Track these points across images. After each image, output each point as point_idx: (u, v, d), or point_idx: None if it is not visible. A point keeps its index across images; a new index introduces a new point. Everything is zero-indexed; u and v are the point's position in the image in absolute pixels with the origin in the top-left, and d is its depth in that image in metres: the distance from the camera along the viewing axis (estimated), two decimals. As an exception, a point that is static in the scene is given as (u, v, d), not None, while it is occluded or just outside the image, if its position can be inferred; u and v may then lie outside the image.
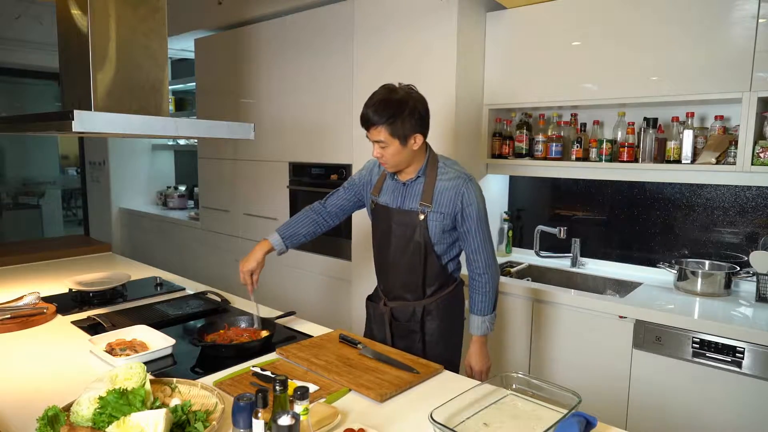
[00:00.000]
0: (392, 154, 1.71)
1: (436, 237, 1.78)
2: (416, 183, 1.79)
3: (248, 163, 3.85)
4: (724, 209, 2.46)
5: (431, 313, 1.85)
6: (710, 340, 1.99)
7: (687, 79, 2.23)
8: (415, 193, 1.79)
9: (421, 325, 1.85)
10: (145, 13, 1.88)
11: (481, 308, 1.83)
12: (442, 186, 1.76)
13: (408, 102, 1.67)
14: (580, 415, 1.17)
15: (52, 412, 1.13)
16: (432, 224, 1.76)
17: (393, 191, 1.84)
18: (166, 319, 1.98)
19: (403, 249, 1.82)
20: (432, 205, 1.76)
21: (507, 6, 2.68)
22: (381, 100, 1.67)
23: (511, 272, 2.85)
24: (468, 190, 1.75)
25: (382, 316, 1.90)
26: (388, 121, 1.65)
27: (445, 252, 1.83)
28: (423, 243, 1.78)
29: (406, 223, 1.79)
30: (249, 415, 0.99)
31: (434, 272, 1.83)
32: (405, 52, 2.80)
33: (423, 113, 1.71)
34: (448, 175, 1.77)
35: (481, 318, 1.83)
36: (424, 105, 1.73)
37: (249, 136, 1.95)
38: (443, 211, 1.76)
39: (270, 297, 3.55)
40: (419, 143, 1.72)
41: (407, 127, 1.67)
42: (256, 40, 3.63)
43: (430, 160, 1.79)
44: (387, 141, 1.68)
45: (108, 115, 1.59)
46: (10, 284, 2.42)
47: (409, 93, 1.71)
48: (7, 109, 5.72)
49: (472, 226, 1.77)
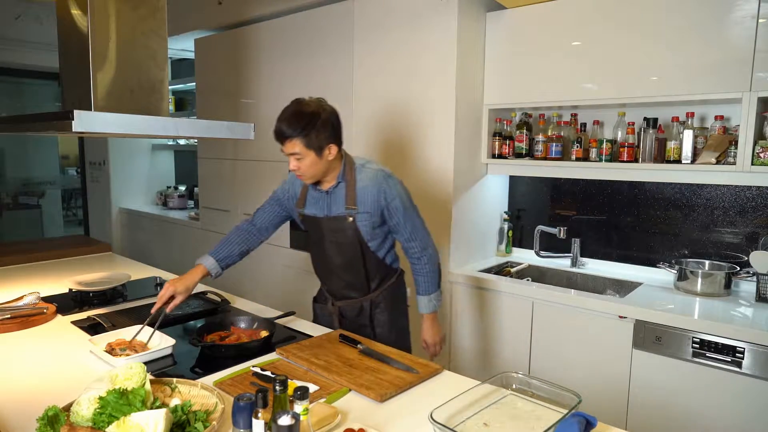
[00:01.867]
0: (308, 166, 1.74)
1: (368, 235, 1.86)
2: (338, 189, 1.85)
3: (248, 163, 3.84)
4: (724, 209, 2.46)
5: (379, 306, 1.96)
6: (710, 340, 1.99)
7: (687, 79, 2.23)
8: (339, 198, 1.85)
9: (370, 319, 1.96)
10: (145, 13, 1.88)
11: (425, 288, 1.95)
12: (363, 187, 1.82)
13: (320, 114, 1.71)
14: (580, 415, 1.17)
15: (52, 412, 1.13)
16: (362, 224, 1.84)
17: (318, 201, 1.89)
18: (166, 319, 1.98)
19: (340, 253, 1.90)
20: (357, 207, 1.82)
21: (507, 6, 2.68)
22: (293, 113, 1.70)
23: (511, 272, 2.85)
24: (388, 186, 1.82)
25: (331, 315, 2.01)
26: (302, 133, 1.68)
27: (380, 246, 1.92)
28: (358, 243, 1.86)
29: (337, 228, 1.86)
30: (249, 415, 0.99)
31: (374, 267, 1.92)
32: (405, 52, 2.80)
33: (335, 124, 1.76)
34: (367, 175, 1.83)
35: (427, 297, 1.95)
36: (336, 116, 1.78)
37: (249, 136, 1.95)
38: (369, 210, 1.83)
39: (270, 297, 3.55)
40: (334, 153, 1.77)
41: (321, 138, 1.71)
42: (256, 40, 3.63)
43: (347, 165, 1.85)
44: (302, 153, 1.71)
45: (108, 115, 1.59)
46: (10, 284, 2.42)
47: (320, 105, 1.74)
48: (7, 109, 5.72)
49: (400, 219, 1.85)
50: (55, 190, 6.21)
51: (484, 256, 3.01)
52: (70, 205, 6.39)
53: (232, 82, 3.87)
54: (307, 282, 3.43)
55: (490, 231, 3.07)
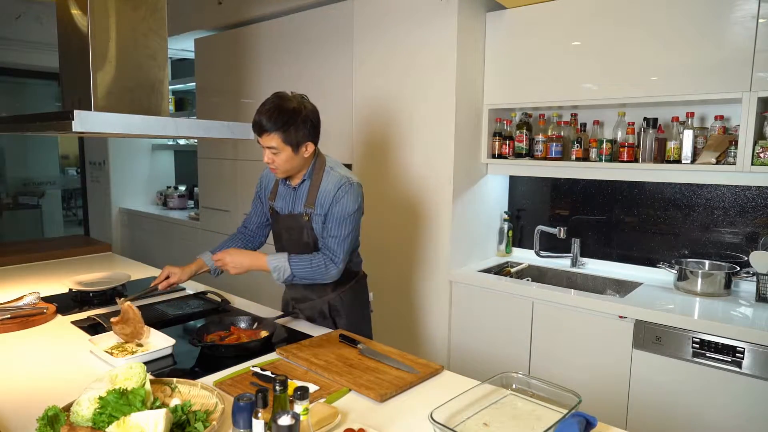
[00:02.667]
0: (284, 161, 1.74)
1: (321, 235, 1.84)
2: (302, 187, 1.85)
3: (248, 163, 3.84)
4: (724, 209, 2.46)
5: (337, 309, 1.95)
6: (710, 340, 1.99)
7: (687, 79, 2.23)
8: (301, 196, 1.85)
9: (333, 323, 1.95)
10: (145, 13, 1.88)
11: (297, 262, 1.79)
12: (325, 189, 1.81)
13: (301, 111, 1.71)
14: (580, 415, 1.17)
15: (52, 412, 1.13)
16: (317, 226, 1.83)
17: (285, 196, 1.90)
18: (166, 319, 1.98)
19: (296, 251, 1.86)
20: (315, 208, 1.82)
21: (507, 6, 2.68)
22: (274, 107, 1.70)
23: (511, 272, 2.85)
24: (345, 195, 1.78)
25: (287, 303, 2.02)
26: (282, 128, 1.68)
27: None
28: (312, 242, 1.85)
29: (293, 226, 1.87)
30: (249, 415, 0.99)
31: None
32: (405, 52, 2.80)
33: (315, 122, 1.76)
34: (332, 179, 1.81)
35: (286, 262, 1.79)
36: (316, 115, 1.78)
37: (249, 136, 1.95)
38: (323, 213, 1.81)
39: (270, 297, 3.55)
40: (311, 151, 1.77)
41: (300, 135, 1.71)
42: (256, 40, 3.63)
43: (317, 164, 1.84)
44: (279, 148, 1.71)
45: (108, 115, 1.59)
46: (10, 284, 2.42)
47: (302, 102, 1.75)
48: (7, 109, 5.72)
49: (334, 225, 1.79)
50: (55, 190, 6.21)
51: (484, 256, 3.01)
52: (70, 205, 6.39)
53: (232, 82, 3.87)
54: (307, 282, 3.43)
55: (490, 231, 3.07)
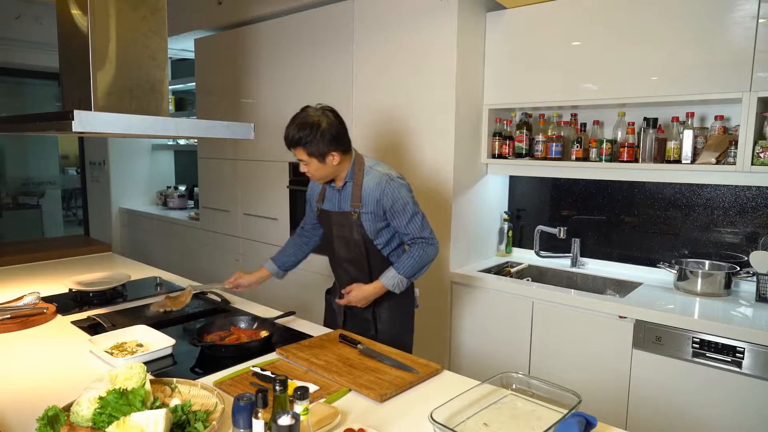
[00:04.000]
0: (315, 170, 1.89)
1: (372, 233, 1.96)
2: (346, 188, 1.97)
3: (248, 163, 3.84)
4: (724, 209, 2.46)
5: (382, 303, 2.01)
6: (710, 340, 1.99)
7: (687, 79, 2.23)
8: (347, 196, 1.97)
9: (373, 313, 2.02)
10: (145, 13, 1.88)
11: (401, 267, 1.94)
12: (367, 187, 1.92)
13: (321, 125, 1.82)
14: (580, 415, 1.17)
15: (52, 412, 1.13)
16: (366, 223, 1.94)
17: (331, 197, 2.03)
18: (166, 319, 1.98)
19: (345, 247, 2.01)
20: (361, 206, 1.93)
21: (507, 6, 2.68)
22: (297, 124, 1.84)
23: (511, 272, 2.86)
24: (390, 189, 1.90)
25: (338, 306, 2.08)
26: (303, 142, 1.82)
27: (386, 244, 2.01)
28: (362, 239, 1.96)
29: (343, 223, 1.98)
30: (249, 415, 0.99)
31: (378, 264, 1.99)
32: (405, 52, 2.80)
33: (336, 133, 1.85)
34: (372, 177, 1.93)
35: (395, 272, 1.93)
36: (338, 125, 1.87)
37: (249, 136, 1.95)
38: (372, 210, 1.93)
39: (270, 297, 3.55)
40: (338, 159, 1.88)
41: (322, 147, 1.83)
42: (256, 40, 3.63)
43: (356, 166, 1.95)
44: (306, 159, 1.87)
45: (108, 115, 1.59)
46: (10, 284, 2.42)
47: (321, 116, 1.84)
48: (7, 109, 5.71)
49: (404, 220, 1.93)
50: (55, 190, 6.21)
51: (484, 256, 3.01)
52: (70, 205, 6.39)
53: (232, 82, 3.87)
54: (308, 282, 3.43)
55: (490, 231, 3.07)
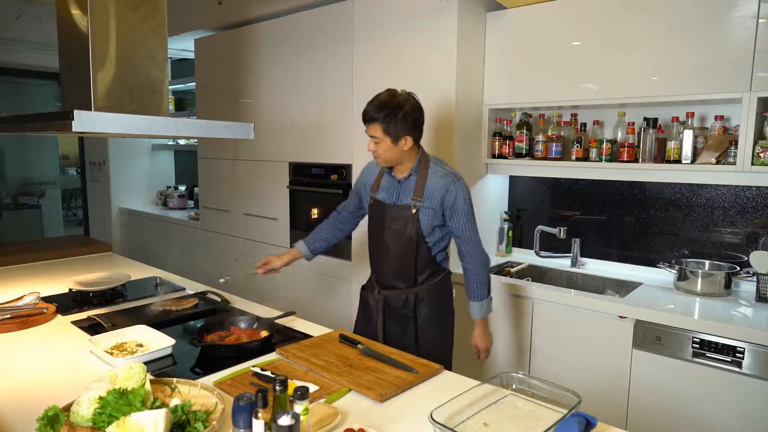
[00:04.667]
0: (384, 150, 1.89)
1: (427, 230, 1.94)
2: (409, 180, 1.96)
3: (248, 163, 3.85)
4: (724, 209, 2.46)
5: (423, 300, 2.01)
6: (710, 340, 1.99)
7: (687, 79, 2.23)
8: (408, 189, 1.96)
9: (414, 311, 2.01)
10: (145, 13, 1.88)
11: (478, 294, 2.01)
12: (432, 183, 1.92)
13: (404, 106, 1.86)
14: (580, 415, 1.17)
15: (52, 412, 1.13)
16: (423, 218, 1.93)
17: (389, 188, 2.01)
18: (166, 319, 1.98)
19: (396, 241, 1.98)
20: (423, 201, 1.92)
21: (507, 6, 2.68)
22: (382, 101, 1.87)
23: (511, 272, 2.85)
24: (455, 188, 1.91)
25: (376, 303, 2.06)
26: (384, 119, 1.84)
27: (436, 244, 1.99)
28: (415, 234, 1.94)
29: (399, 216, 1.96)
30: (249, 415, 0.99)
31: (425, 262, 1.99)
32: (405, 52, 2.80)
33: (417, 119, 1.89)
34: (438, 174, 1.93)
35: (478, 303, 2.02)
36: (419, 112, 1.91)
37: (249, 136, 1.95)
38: (433, 206, 1.92)
39: (270, 297, 3.55)
40: (409, 145, 1.89)
41: (399, 128, 1.85)
42: (256, 40, 3.63)
43: (422, 160, 1.96)
44: (380, 137, 1.87)
45: (108, 115, 1.59)
46: (10, 284, 2.42)
47: (407, 99, 1.89)
48: (7, 109, 5.71)
49: (461, 221, 1.93)
50: (55, 190, 6.21)
51: (484, 256, 3.01)
52: (70, 205, 6.39)
53: (232, 82, 3.87)
54: (308, 282, 3.43)
55: (490, 231, 3.07)
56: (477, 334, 2.07)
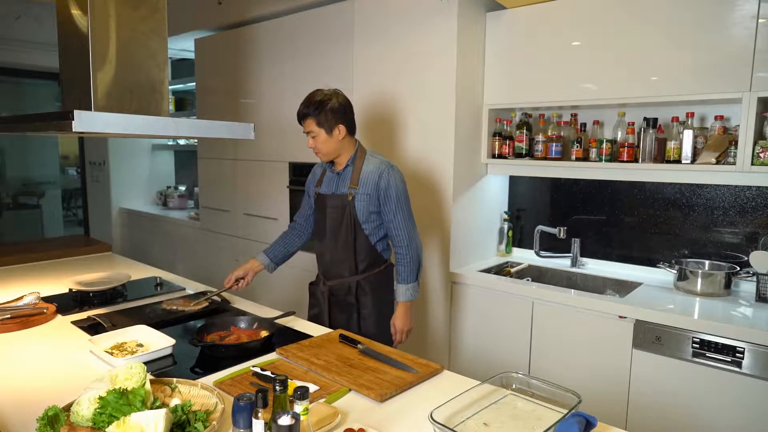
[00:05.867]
0: (322, 143, 2.04)
1: (363, 216, 2.07)
2: (346, 171, 2.11)
3: (248, 163, 3.85)
4: (724, 209, 2.46)
5: (364, 289, 2.12)
6: (710, 340, 1.99)
7: (687, 79, 2.23)
8: (345, 179, 2.11)
9: (356, 299, 2.11)
10: (145, 13, 1.88)
11: (405, 277, 2.11)
12: (367, 170, 2.07)
13: (331, 99, 2.02)
14: (580, 415, 1.17)
15: (52, 412, 1.13)
16: (359, 204, 2.06)
17: (330, 181, 2.16)
18: (166, 319, 1.98)
19: (336, 228, 2.10)
20: (358, 188, 2.06)
21: (507, 6, 2.68)
22: (308, 98, 2.04)
23: (511, 272, 2.85)
24: (389, 175, 2.05)
25: (322, 294, 2.17)
26: (314, 113, 2.00)
27: (373, 232, 2.10)
28: (351, 221, 2.07)
29: (337, 205, 2.09)
30: (249, 415, 0.99)
31: (364, 249, 2.10)
32: (404, 52, 2.80)
33: (345, 108, 2.05)
34: (373, 162, 2.08)
35: (404, 286, 2.11)
36: (346, 102, 2.06)
37: (249, 136, 1.95)
38: (368, 192, 2.05)
39: (270, 297, 3.55)
40: (343, 133, 2.04)
41: (330, 118, 2.01)
42: (256, 40, 3.63)
43: (358, 152, 2.11)
44: (315, 131, 2.02)
45: (108, 115, 1.58)
46: (10, 284, 2.42)
47: (333, 92, 2.05)
48: (7, 109, 5.71)
49: (392, 206, 2.06)
50: (55, 190, 6.20)
51: (484, 256, 3.01)
52: (70, 205, 6.38)
53: (232, 82, 3.87)
54: (308, 282, 3.43)
55: (490, 231, 3.07)
56: (398, 314, 2.13)
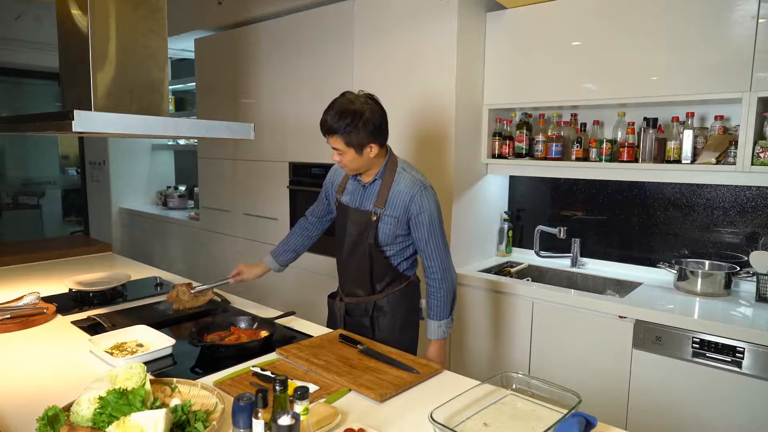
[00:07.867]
0: (349, 161, 1.78)
1: (387, 239, 1.85)
2: (373, 185, 1.86)
3: (248, 163, 3.85)
4: (724, 209, 2.46)
5: (382, 309, 1.91)
6: (710, 340, 1.99)
7: (687, 79, 2.23)
8: (371, 195, 1.86)
9: (371, 321, 1.92)
10: (145, 13, 1.88)
11: (437, 313, 1.88)
12: (397, 190, 1.81)
13: (363, 113, 1.71)
14: (580, 415, 1.17)
15: (52, 412, 1.13)
16: (384, 227, 1.83)
17: (353, 191, 1.92)
18: (166, 319, 1.98)
19: (353, 247, 1.90)
20: (385, 208, 1.82)
21: (507, 6, 2.68)
22: (338, 110, 1.72)
23: (511, 272, 2.85)
24: (422, 197, 1.79)
25: (339, 311, 1.99)
26: (344, 131, 1.71)
27: (398, 253, 1.90)
28: (370, 244, 1.85)
29: (359, 222, 1.87)
30: (249, 415, 0.99)
31: (381, 269, 1.89)
32: (405, 52, 2.80)
33: (377, 124, 1.75)
34: (404, 180, 1.82)
35: (437, 323, 1.88)
36: (380, 116, 1.76)
37: (249, 136, 1.95)
38: (396, 215, 1.81)
39: (270, 297, 3.55)
40: (375, 151, 1.78)
41: (362, 137, 1.72)
42: (256, 40, 3.63)
43: (389, 164, 1.85)
44: (343, 149, 1.75)
45: (108, 115, 1.59)
46: (10, 284, 2.42)
47: (365, 104, 1.74)
48: (7, 109, 5.71)
49: (424, 233, 1.82)
50: (55, 190, 6.20)
51: (484, 256, 3.01)
52: (71, 205, 6.38)
53: (232, 82, 3.87)
54: (308, 282, 3.43)
55: (490, 231, 3.07)
56: (432, 354, 1.88)
